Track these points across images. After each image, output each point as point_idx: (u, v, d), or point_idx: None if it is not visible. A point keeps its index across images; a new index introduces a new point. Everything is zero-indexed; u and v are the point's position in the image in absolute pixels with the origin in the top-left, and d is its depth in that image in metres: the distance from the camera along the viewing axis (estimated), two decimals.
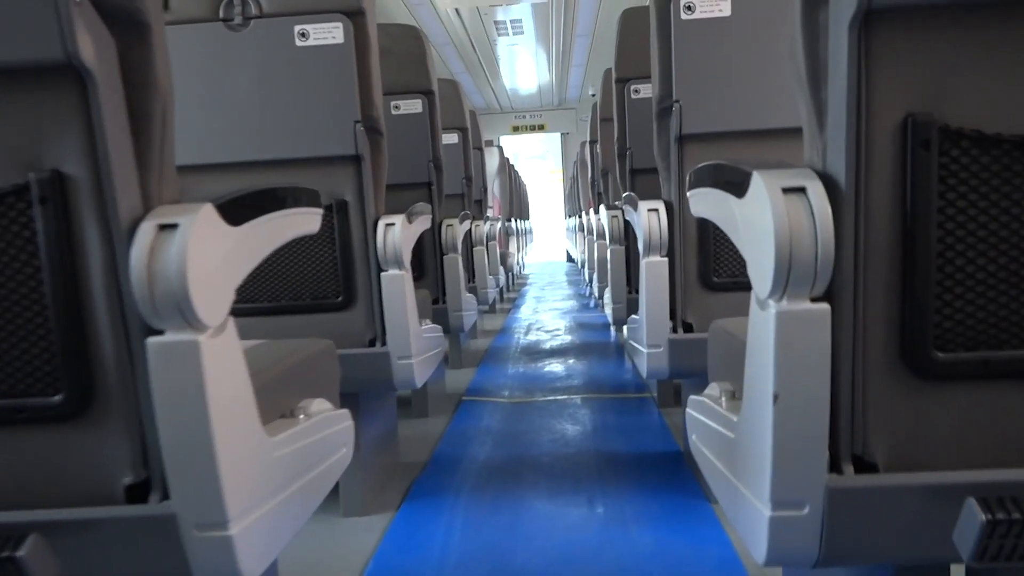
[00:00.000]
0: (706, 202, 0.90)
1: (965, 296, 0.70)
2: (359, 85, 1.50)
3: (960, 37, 0.68)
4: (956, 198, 0.69)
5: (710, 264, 1.57)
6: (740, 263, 1.55)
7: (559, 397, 2.73)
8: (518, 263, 7.11)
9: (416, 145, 2.47)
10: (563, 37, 8.04)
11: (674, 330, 1.57)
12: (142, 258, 0.68)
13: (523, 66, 9.61)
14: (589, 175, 4.16)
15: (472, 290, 3.36)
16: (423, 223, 1.80)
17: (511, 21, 7.29)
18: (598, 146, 3.77)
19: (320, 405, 1.03)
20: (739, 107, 1.55)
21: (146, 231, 0.69)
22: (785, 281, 0.68)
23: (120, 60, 0.74)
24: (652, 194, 1.66)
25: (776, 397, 0.69)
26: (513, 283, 7.40)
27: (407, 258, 1.56)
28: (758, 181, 0.70)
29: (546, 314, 5.27)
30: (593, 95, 11.32)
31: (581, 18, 7.27)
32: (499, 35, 7.77)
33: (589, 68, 9.67)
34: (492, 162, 6.00)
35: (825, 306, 0.69)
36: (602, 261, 3.28)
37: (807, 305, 0.69)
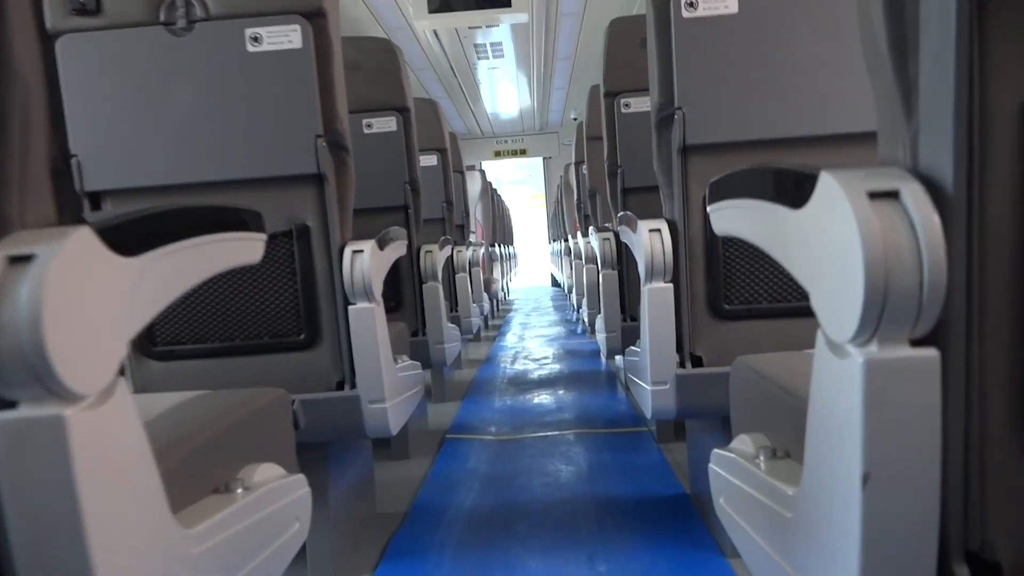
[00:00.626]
0: (738, 218, 0.75)
1: None
2: (321, 95, 1.35)
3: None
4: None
5: (720, 289, 1.41)
6: (755, 287, 1.41)
7: (550, 433, 2.54)
8: (503, 289, 6.93)
9: (391, 166, 2.31)
10: (544, 60, 7.94)
11: (681, 364, 1.42)
12: None
13: (504, 90, 9.51)
14: (575, 197, 4.02)
15: (455, 319, 3.22)
16: (397, 249, 1.65)
17: (491, 44, 7.18)
18: (584, 167, 3.66)
19: (267, 472, 0.86)
20: (749, 114, 1.39)
21: None
22: (878, 319, 0.50)
23: None
24: (646, 214, 1.51)
25: (866, 477, 0.51)
26: (498, 310, 7.22)
27: (378, 289, 1.41)
28: (830, 184, 0.53)
29: (533, 341, 5.09)
30: (575, 119, 11.27)
31: (562, 41, 7.17)
32: (479, 58, 7.65)
33: (571, 91, 9.58)
34: (474, 186, 5.85)
35: (932, 352, 0.52)
36: (592, 286, 3.11)
37: (908, 352, 0.52)
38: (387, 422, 1.39)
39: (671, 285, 1.39)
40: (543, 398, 3.15)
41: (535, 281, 12.40)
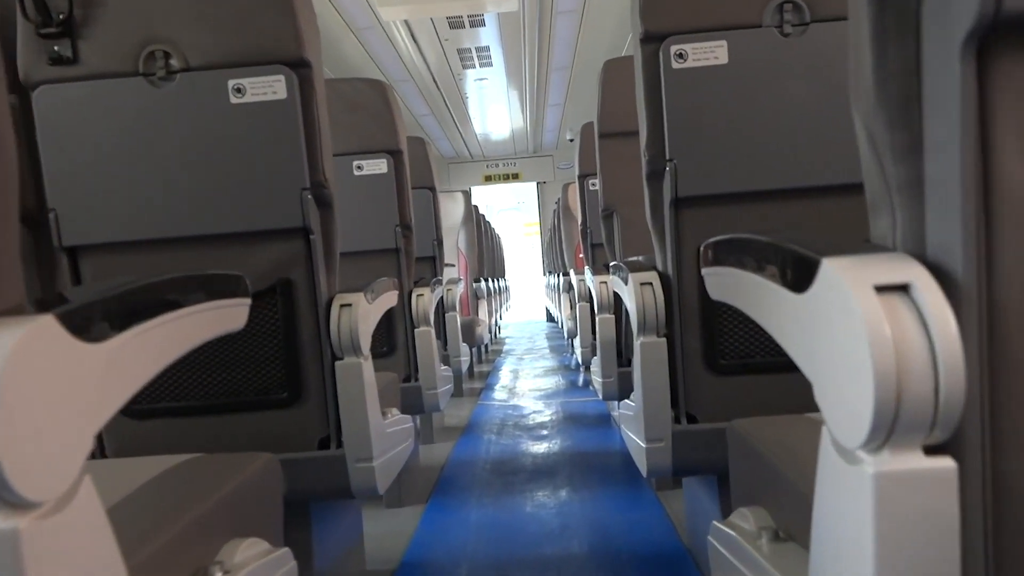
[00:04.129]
0: (734, 287, 0.72)
1: None
2: (306, 146, 1.34)
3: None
4: None
5: (716, 343, 1.39)
6: (751, 341, 1.39)
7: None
8: (491, 330, 6.00)
9: (382, 209, 2.32)
10: (538, 71, 7.11)
11: (677, 420, 1.40)
12: None
13: (494, 107, 8.67)
14: (579, 221, 3.23)
15: (445, 358, 3.11)
16: (387, 301, 1.61)
17: (477, 49, 6.32)
18: (595, 181, 2.90)
19: (250, 549, 0.85)
20: (742, 165, 1.37)
21: None
22: (890, 428, 0.46)
23: None
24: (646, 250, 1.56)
25: None
26: (484, 356, 6.30)
27: (366, 344, 1.38)
28: (832, 274, 0.49)
29: (526, 398, 4.15)
30: (571, 139, 10.45)
31: (558, 44, 6.32)
32: (465, 66, 6.80)
33: (567, 108, 8.74)
34: (455, 210, 4.94)
35: (950, 463, 0.47)
36: (584, 322, 3.04)
37: (923, 462, 0.47)
38: (374, 481, 1.37)
39: (664, 340, 1.39)
40: (539, 499, 2.20)
41: (529, 315, 11.54)
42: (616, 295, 2.28)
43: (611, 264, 1.70)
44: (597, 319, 2.34)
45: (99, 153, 1.32)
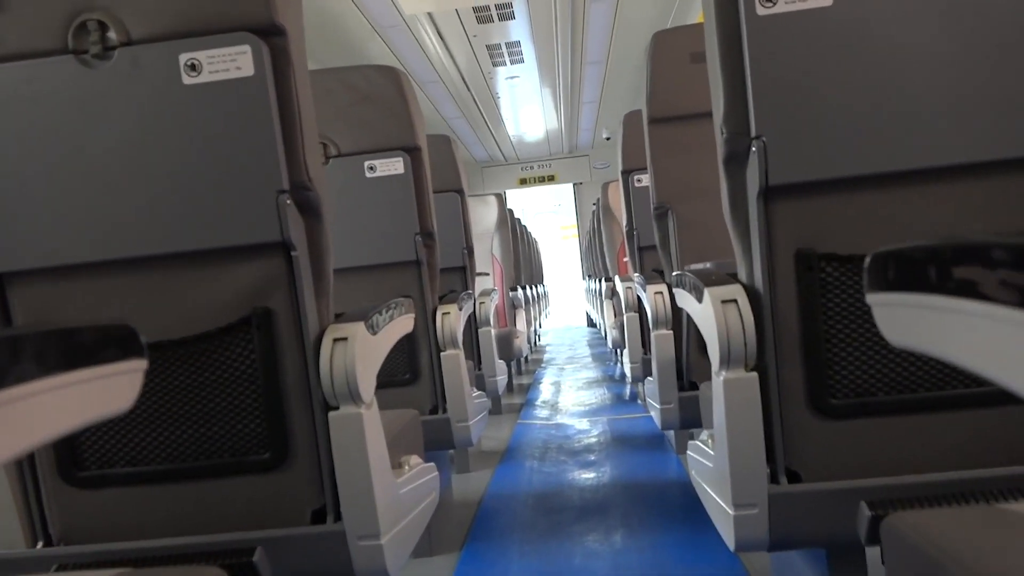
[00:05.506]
0: (940, 328, 0.49)
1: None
2: (283, 138, 1.06)
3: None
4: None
5: (824, 377, 1.19)
6: (872, 371, 1.21)
7: None
8: (530, 341, 5.69)
9: (399, 215, 2.02)
10: (571, 66, 6.78)
11: (773, 479, 1.19)
12: None
13: (527, 106, 8.36)
14: (624, 222, 2.91)
15: (480, 380, 2.84)
16: (399, 328, 1.29)
17: (507, 45, 6.02)
18: (642, 177, 2.61)
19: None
20: (855, 139, 1.05)
21: None
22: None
23: None
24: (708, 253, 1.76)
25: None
26: (524, 367, 5.99)
27: (367, 388, 1.10)
28: None
29: (570, 416, 3.83)
30: (608, 138, 10.09)
31: (592, 37, 5.99)
32: (495, 64, 6.50)
33: (603, 105, 8.39)
34: (487, 215, 4.65)
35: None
36: (633, 333, 2.88)
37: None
38: (383, 563, 1.11)
39: (755, 375, 1.09)
40: (590, 546, 1.89)
41: (569, 320, 11.20)
42: (674, 306, 2.01)
43: (675, 273, 1.42)
44: (653, 335, 2.05)
45: (23, 153, 1.06)
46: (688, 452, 1.40)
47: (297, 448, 1.11)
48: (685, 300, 1.30)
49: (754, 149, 1.07)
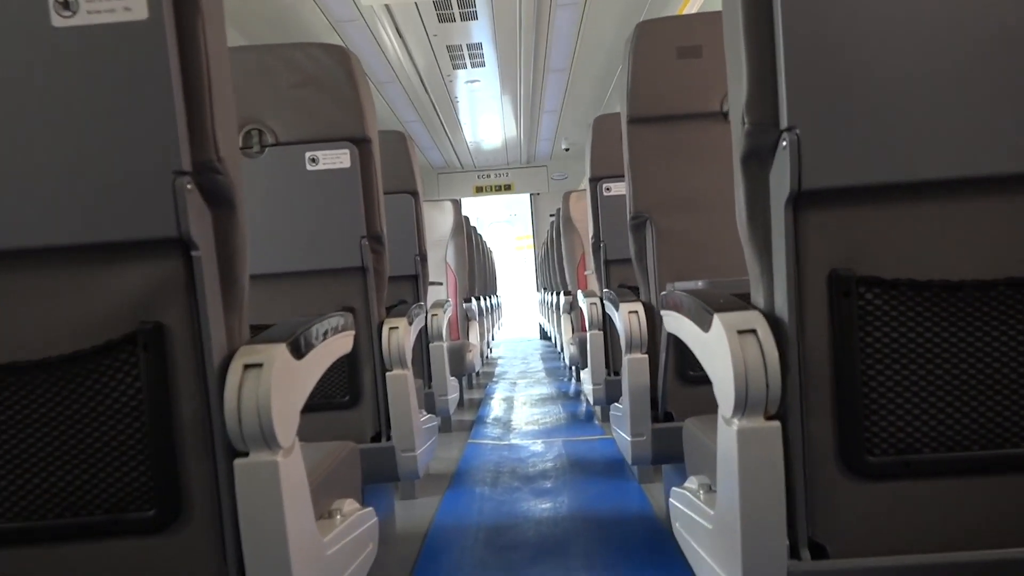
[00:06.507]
0: None
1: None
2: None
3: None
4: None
5: (860, 429, 0.99)
6: (922, 421, 1.15)
7: None
8: (482, 354, 5.48)
9: (343, 214, 1.83)
10: (533, 72, 6.62)
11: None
12: None
13: (486, 112, 8.18)
14: (588, 233, 2.73)
15: (429, 399, 2.82)
16: (334, 349, 1.11)
17: (468, 46, 5.83)
18: (607, 185, 2.42)
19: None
20: (918, 136, 0.85)
21: None
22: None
23: None
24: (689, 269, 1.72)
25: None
26: (475, 380, 5.77)
27: (287, 429, 0.90)
28: None
29: (523, 436, 3.62)
30: (567, 149, 9.97)
31: (556, 43, 5.83)
32: (455, 67, 6.31)
33: (563, 116, 8.26)
34: (443, 221, 4.43)
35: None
36: (597, 355, 2.82)
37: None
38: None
39: (777, 424, 0.91)
40: None
41: (521, 332, 11.01)
42: (650, 327, 1.86)
43: (665, 292, 1.24)
44: (625, 359, 1.85)
45: None
46: (672, 501, 1.21)
47: (192, 504, 0.90)
48: (678, 325, 1.10)
49: (784, 144, 0.87)
